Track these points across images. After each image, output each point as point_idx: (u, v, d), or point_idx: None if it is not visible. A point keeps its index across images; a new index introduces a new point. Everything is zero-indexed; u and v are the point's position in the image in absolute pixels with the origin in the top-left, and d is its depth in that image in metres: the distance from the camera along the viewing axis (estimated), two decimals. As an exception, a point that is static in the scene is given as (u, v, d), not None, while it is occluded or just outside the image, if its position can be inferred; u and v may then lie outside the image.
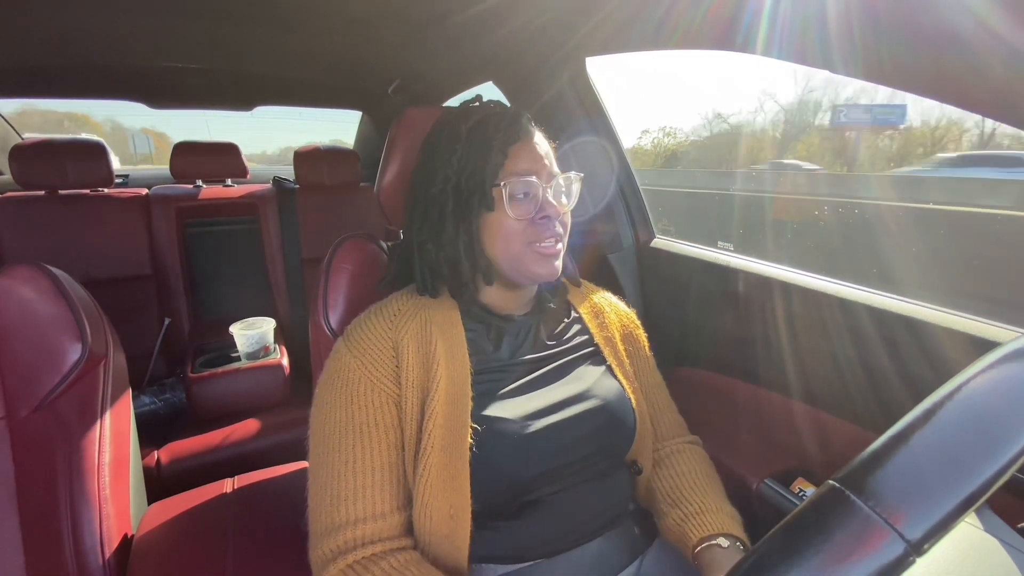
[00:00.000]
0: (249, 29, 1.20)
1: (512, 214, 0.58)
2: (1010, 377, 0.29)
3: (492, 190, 0.58)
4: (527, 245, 0.59)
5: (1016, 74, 0.48)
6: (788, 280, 0.88)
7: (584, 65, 1.14)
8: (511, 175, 0.58)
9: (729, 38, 0.74)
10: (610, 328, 0.70)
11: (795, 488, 0.81)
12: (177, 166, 1.73)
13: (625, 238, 1.23)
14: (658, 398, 0.73)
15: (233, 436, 1.22)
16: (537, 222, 0.58)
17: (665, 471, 0.68)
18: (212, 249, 1.75)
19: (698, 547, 0.58)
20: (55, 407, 0.65)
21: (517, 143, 0.59)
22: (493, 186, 0.58)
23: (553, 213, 0.59)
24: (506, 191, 0.57)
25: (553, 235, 0.59)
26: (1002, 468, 0.26)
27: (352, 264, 0.74)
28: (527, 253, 0.59)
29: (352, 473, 0.53)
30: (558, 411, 0.58)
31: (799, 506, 0.28)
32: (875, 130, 16.66)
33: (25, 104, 13.30)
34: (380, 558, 0.51)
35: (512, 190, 0.58)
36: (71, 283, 0.69)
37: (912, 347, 0.71)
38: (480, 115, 0.61)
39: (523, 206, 0.58)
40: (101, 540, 0.65)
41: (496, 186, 0.58)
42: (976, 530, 0.35)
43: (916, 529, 0.24)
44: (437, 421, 0.54)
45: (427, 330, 0.59)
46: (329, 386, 0.58)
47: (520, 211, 0.58)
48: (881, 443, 0.28)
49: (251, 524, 0.76)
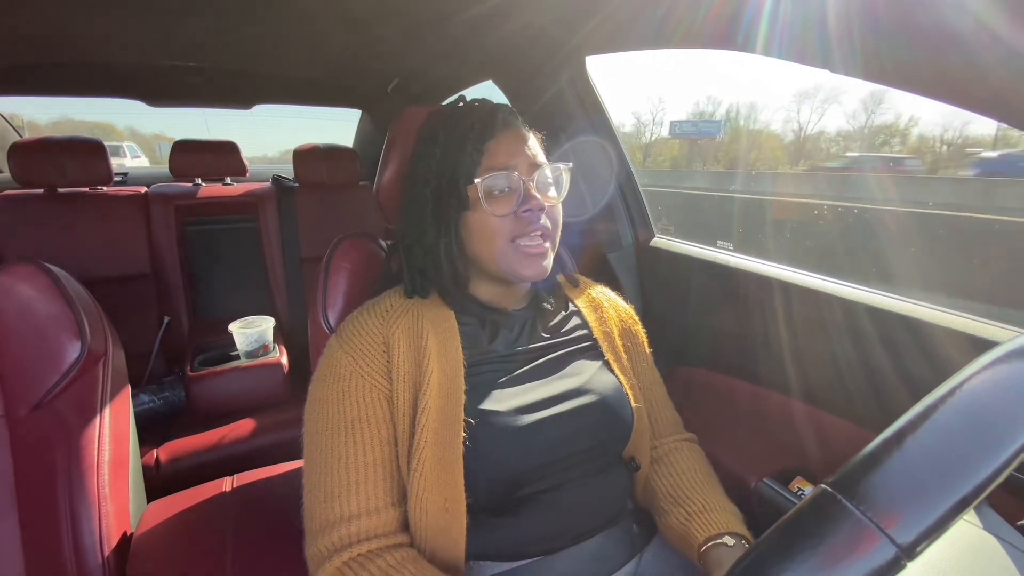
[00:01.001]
0: (249, 28, 1.20)
1: (491, 210, 0.57)
2: (1002, 380, 0.29)
3: (467, 188, 0.57)
4: (511, 242, 0.58)
5: (1015, 74, 0.48)
6: (788, 279, 0.89)
7: (584, 64, 1.14)
8: (488, 170, 0.57)
9: (729, 37, 0.74)
10: (609, 323, 0.70)
11: (794, 487, 0.81)
12: (176, 164, 1.72)
13: (625, 237, 1.23)
14: (655, 395, 0.73)
15: (232, 435, 1.22)
16: (521, 215, 0.57)
17: (664, 469, 0.68)
18: (211, 248, 1.74)
19: (704, 546, 0.57)
20: (54, 406, 0.65)
21: (493, 139, 0.58)
22: (468, 184, 0.57)
23: (535, 205, 0.57)
24: (482, 188, 0.56)
25: (538, 228, 0.58)
26: (995, 471, 0.26)
27: (351, 263, 0.74)
28: (511, 252, 0.58)
29: (345, 469, 0.53)
30: (554, 405, 0.58)
31: (791, 510, 0.28)
32: (699, 140, 26.41)
33: (60, 115, 13.50)
34: (376, 555, 0.50)
35: (488, 186, 0.57)
36: (70, 281, 0.69)
37: (911, 346, 0.71)
38: (458, 115, 0.61)
39: (503, 201, 0.57)
40: (100, 539, 0.65)
41: (471, 184, 0.57)
42: (976, 528, 0.35)
43: (907, 533, 0.24)
44: (430, 415, 0.54)
45: (419, 325, 0.59)
46: (321, 382, 0.58)
47: (500, 207, 0.57)
48: (873, 447, 0.28)
49: (250, 522, 0.76)
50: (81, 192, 1.54)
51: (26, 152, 1.42)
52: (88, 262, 1.49)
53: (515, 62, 1.22)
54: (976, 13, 0.46)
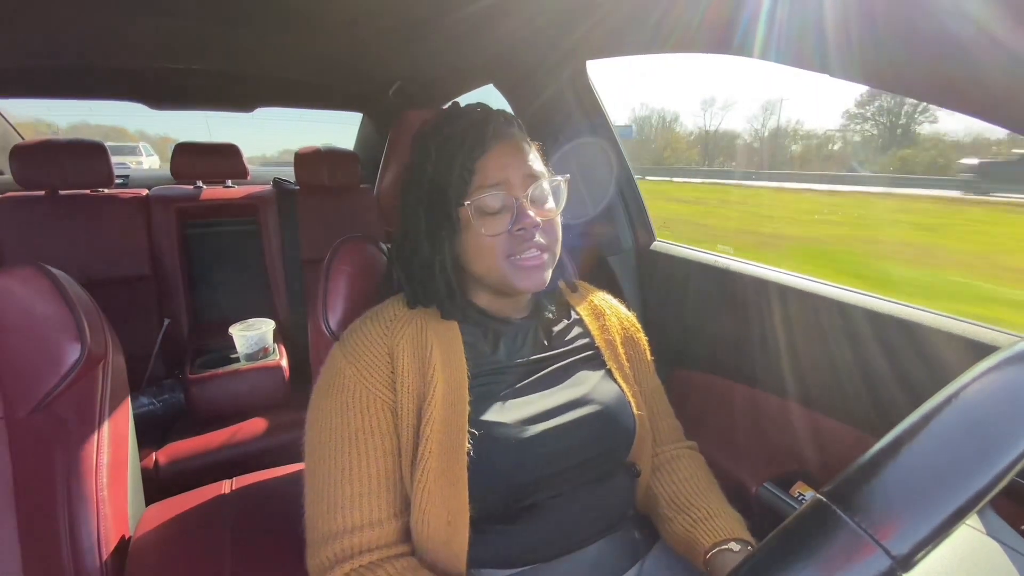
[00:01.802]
0: (250, 30, 1.20)
1: (484, 230, 0.55)
2: (999, 389, 0.29)
3: (458, 211, 0.56)
4: (507, 259, 0.56)
5: (1015, 79, 0.48)
6: (787, 283, 0.89)
7: (584, 67, 1.14)
8: (479, 189, 0.55)
9: (726, 41, 0.75)
10: (611, 331, 0.69)
11: (795, 492, 0.81)
12: (177, 167, 1.73)
13: (624, 240, 1.23)
14: (657, 402, 0.72)
15: (232, 437, 1.22)
16: (515, 234, 0.56)
17: (666, 476, 0.67)
18: (212, 250, 1.74)
19: (709, 552, 0.57)
20: (53, 408, 0.65)
21: (484, 155, 0.56)
22: (459, 206, 0.56)
23: (529, 223, 0.55)
24: (472, 209, 0.55)
25: (533, 246, 0.56)
26: (991, 482, 0.26)
27: (352, 266, 0.74)
28: (507, 268, 0.56)
29: (348, 480, 0.52)
30: (557, 415, 0.58)
31: (786, 520, 0.28)
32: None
33: (81, 119, 13.92)
34: (378, 566, 0.50)
35: (480, 206, 0.55)
36: (70, 283, 0.69)
37: (910, 350, 0.71)
38: (449, 128, 0.59)
39: (496, 220, 0.56)
40: (99, 541, 0.65)
41: (462, 206, 0.56)
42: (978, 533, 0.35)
43: (903, 544, 0.24)
44: (434, 426, 0.53)
45: (423, 335, 0.58)
46: (324, 392, 0.57)
47: (493, 226, 0.56)
48: (869, 456, 0.28)
49: (249, 525, 0.76)
50: (82, 194, 1.55)
51: (27, 154, 1.43)
52: (89, 264, 1.50)
53: (515, 65, 1.22)
54: (974, 18, 0.46)
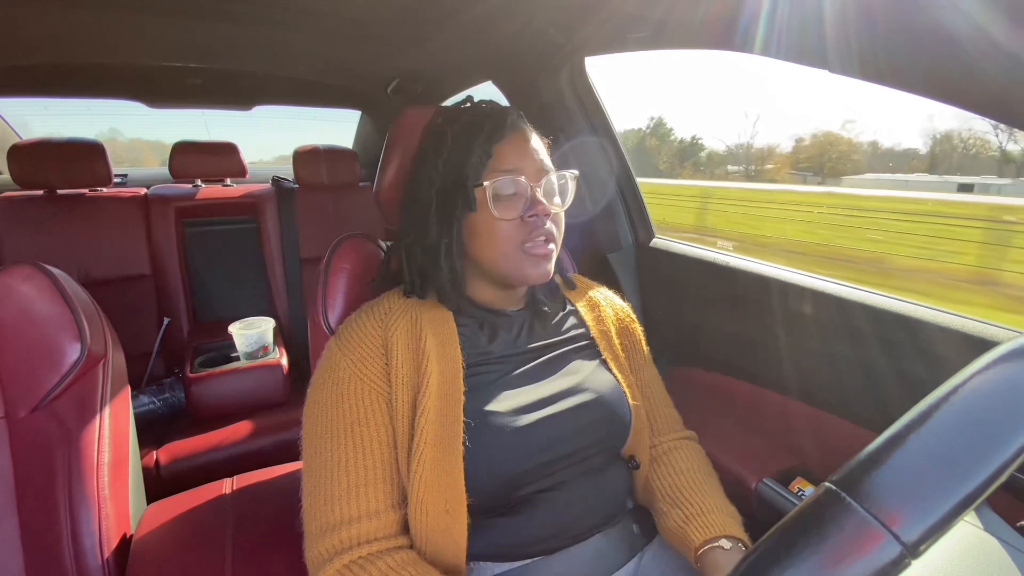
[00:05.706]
0: (249, 29, 1.20)
1: (498, 214, 0.57)
2: (1005, 379, 0.29)
3: (475, 190, 0.57)
4: (517, 247, 0.57)
5: (1012, 75, 0.48)
6: (787, 280, 0.89)
7: (583, 65, 1.14)
8: (495, 173, 0.57)
9: (728, 38, 0.75)
10: (606, 322, 0.70)
11: (794, 487, 0.81)
12: (176, 166, 1.72)
13: (624, 238, 1.23)
14: (654, 392, 0.73)
15: (232, 436, 1.22)
16: (526, 220, 0.57)
17: (664, 469, 0.68)
18: (211, 249, 1.74)
19: (700, 549, 0.57)
20: (54, 407, 0.65)
21: (502, 141, 0.58)
22: (476, 186, 0.57)
23: (541, 211, 0.57)
24: (489, 191, 0.56)
25: (543, 233, 0.58)
26: (998, 470, 0.26)
27: (351, 264, 0.74)
28: (517, 255, 0.57)
29: (345, 472, 0.53)
30: (552, 404, 0.58)
31: (795, 508, 0.28)
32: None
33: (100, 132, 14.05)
34: (376, 558, 0.50)
35: (496, 189, 0.57)
36: (70, 283, 0.69)
37: (910, 346, 0.71)
38: (467, 116, 0.61)
39: (510, 205, 0.57)
40: (100, 540, 0.65)
41: (479, 186, 0.57)
42: (976, 529, 0.35)
43: (912, 531, 0.24)
44: (429, 417, 0.53)
45: (417, 327, 0.59)
46: (320, 385, 0.58)
47: (507, 210, 0.57)
48: (877, 445, 0.28)
49: (250, 524, 0.76)
50: (81, 194, 1.54)
51: (26, 154, 1.42)
52: (88, 263, 1.49)
53: (514, 63, 1.22)
54: (972, 15, 0.46)
